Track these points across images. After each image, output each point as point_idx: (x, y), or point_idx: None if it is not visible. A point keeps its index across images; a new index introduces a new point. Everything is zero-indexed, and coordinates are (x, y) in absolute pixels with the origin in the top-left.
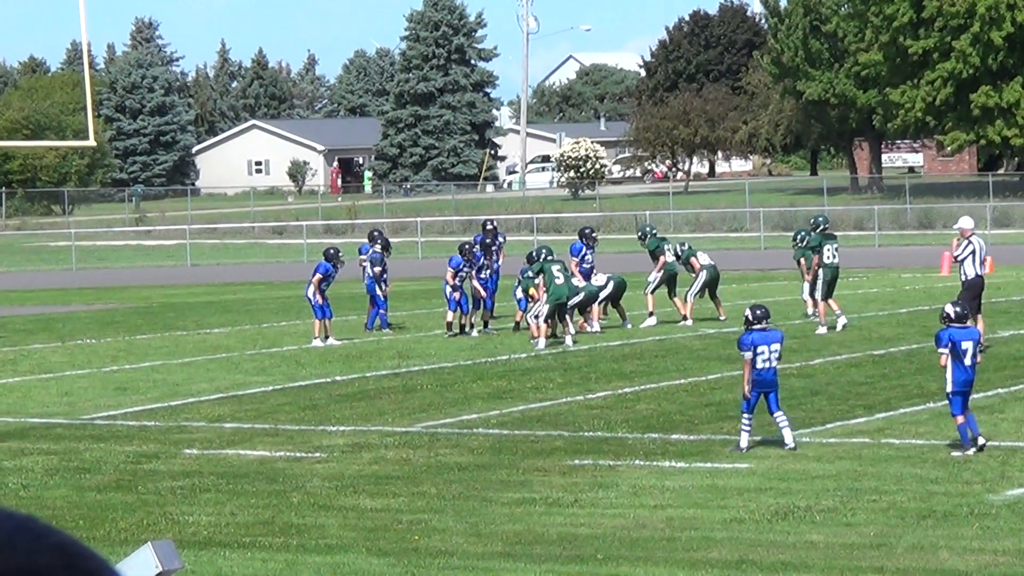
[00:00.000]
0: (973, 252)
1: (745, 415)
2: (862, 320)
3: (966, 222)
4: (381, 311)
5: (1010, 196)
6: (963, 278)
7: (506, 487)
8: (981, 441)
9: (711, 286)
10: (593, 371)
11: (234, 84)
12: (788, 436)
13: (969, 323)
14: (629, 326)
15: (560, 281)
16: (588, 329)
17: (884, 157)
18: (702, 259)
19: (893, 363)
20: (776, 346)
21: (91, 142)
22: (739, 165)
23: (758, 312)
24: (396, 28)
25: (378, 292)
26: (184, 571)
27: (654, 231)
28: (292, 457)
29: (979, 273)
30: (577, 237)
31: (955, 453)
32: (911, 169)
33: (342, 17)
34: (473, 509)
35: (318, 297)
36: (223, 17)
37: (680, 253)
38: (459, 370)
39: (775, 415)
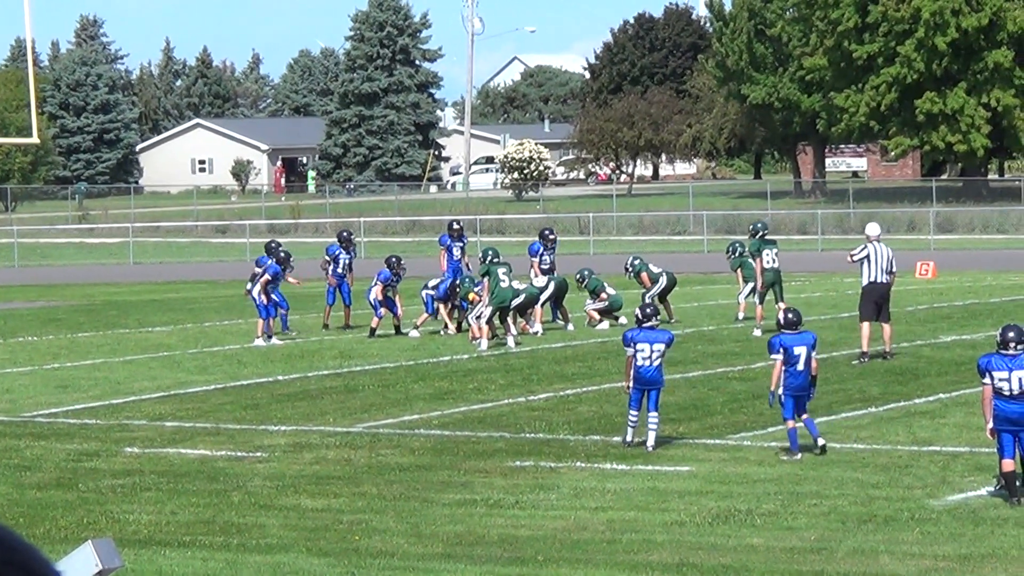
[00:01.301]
0: (867, 258)
1: (629, 411)
2: (804, 324)
3: (871, 228)
4: (282, 312)
5: (953, 202)
6: (861, 283)
7: (447, 488)
8: (821, 442)
9: (667, 291)
10: (535, 373)
11: (178, 83)
12: (651, 438)
13: (802, 328)
14: (571, 328)
15: (505, 284)
16: (530, 331)
17: (828, 161)
18: (654, 269)
19: (835, 367)
20: (659, 346)
21: (35, 139)
22: (683, 168)
23: (647, 311)
24: (341, 28)
25: (274, 295)
26: (124, 570)
27: (592, 273)
28: (233, 456)
29: (873, 280)
30: (537, 237)
31: (783, 457)
32: (855, 174)
33: (287, 16)
34: (414, 510)
35: (263, 297)
36: (168, 15)
37: (630, 267)
38: (401, 371)
39: (649, 413)
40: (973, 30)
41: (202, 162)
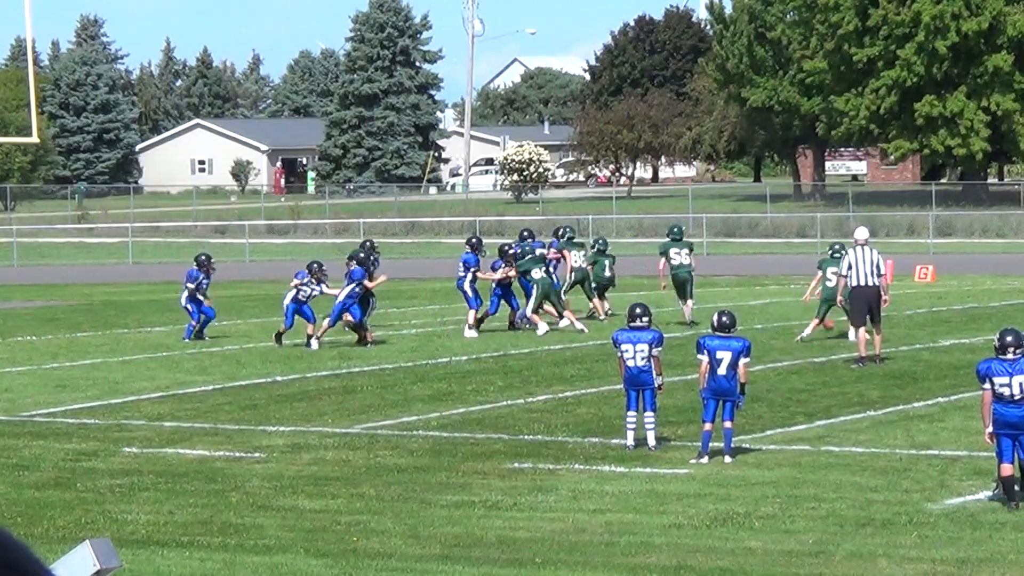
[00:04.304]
0: (851, 264)
1: (626, 413)
2: (803, 327)
3: (858, 233)
4: (193, 322)
5: (952, 205)
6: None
7: (445, 489)
8: (728, 459)
9: (582, 284)
10: (534, 375)
11: (178, 83)
12: (650, 438)
13: (733, 333)
14: (563, 324)
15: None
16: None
17: (828, 165)
18: (576, 257)
19: (834, 371)
20: (642, 346)
21: (35, 139)
22: (683, 171)
23: (636, 311)
24: (341, 29)
25: (189, 306)
26: (122, 570)
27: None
28: (231, 457)
29: (859, 284)
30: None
31: (692, 460)
32: (854, 177)
33: (287, 17)
34: (412, 511)
35: (296, 302)
36: (168, 15)
37: (561, 236)
38: (400, 372)
39: (644, 414)
40: (973, 34)
41: (202, 162)
